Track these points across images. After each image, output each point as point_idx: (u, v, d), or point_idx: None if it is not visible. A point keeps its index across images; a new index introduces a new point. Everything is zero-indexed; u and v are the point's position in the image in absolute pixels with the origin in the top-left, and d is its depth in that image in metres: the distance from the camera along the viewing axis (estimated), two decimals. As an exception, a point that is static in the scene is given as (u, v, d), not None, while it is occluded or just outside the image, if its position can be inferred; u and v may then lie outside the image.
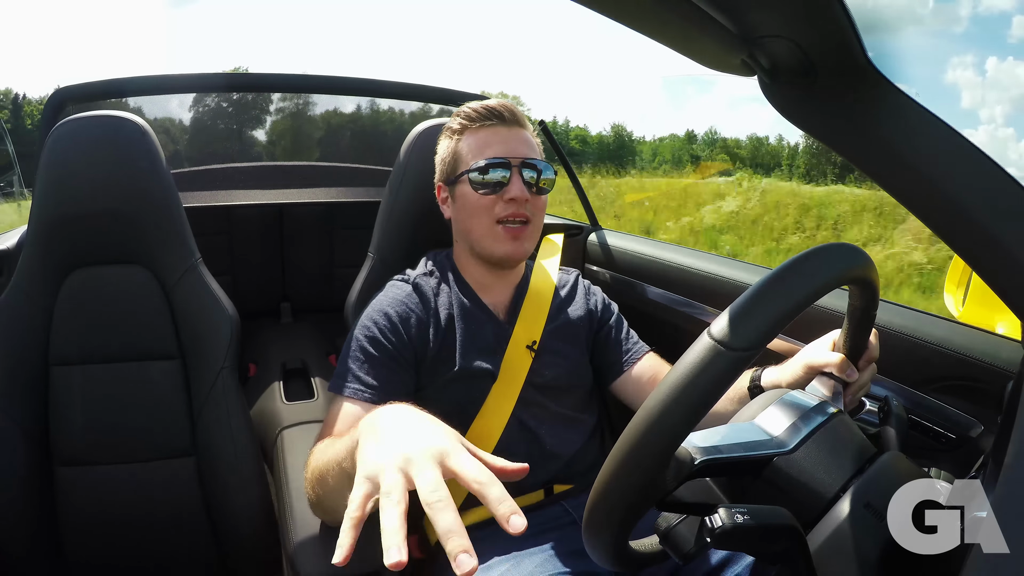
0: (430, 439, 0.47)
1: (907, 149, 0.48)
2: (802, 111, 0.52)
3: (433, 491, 0.42)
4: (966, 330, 0.82)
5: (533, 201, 0.88)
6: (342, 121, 3.01)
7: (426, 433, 0.48)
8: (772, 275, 0.46)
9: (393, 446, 0.47)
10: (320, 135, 3.20)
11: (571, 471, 0.90)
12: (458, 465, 0.44)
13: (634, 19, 0.47)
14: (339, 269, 1.76)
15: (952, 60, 21.49)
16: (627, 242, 1.46)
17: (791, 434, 0.52)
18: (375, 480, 0.45)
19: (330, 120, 2.99)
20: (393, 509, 0.41)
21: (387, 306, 0.86)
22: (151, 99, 2.41)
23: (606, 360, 0.98)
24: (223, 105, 2.96)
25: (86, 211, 0.96)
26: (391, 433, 0.50)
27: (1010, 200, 0.46)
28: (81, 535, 0.99)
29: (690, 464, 0.46)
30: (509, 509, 0.41)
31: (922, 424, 0.79)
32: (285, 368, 1.51)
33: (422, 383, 0.86)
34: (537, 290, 0.96)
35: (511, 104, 0.91)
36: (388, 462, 0.45)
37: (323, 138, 3.20)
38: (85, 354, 0.98)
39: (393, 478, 0.43)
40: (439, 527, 0.40)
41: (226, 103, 2.93)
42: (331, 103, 3.01)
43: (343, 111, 3.02)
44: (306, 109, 2.96)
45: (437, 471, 0.44)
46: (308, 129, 3.02)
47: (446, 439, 0.47)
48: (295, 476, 0.94)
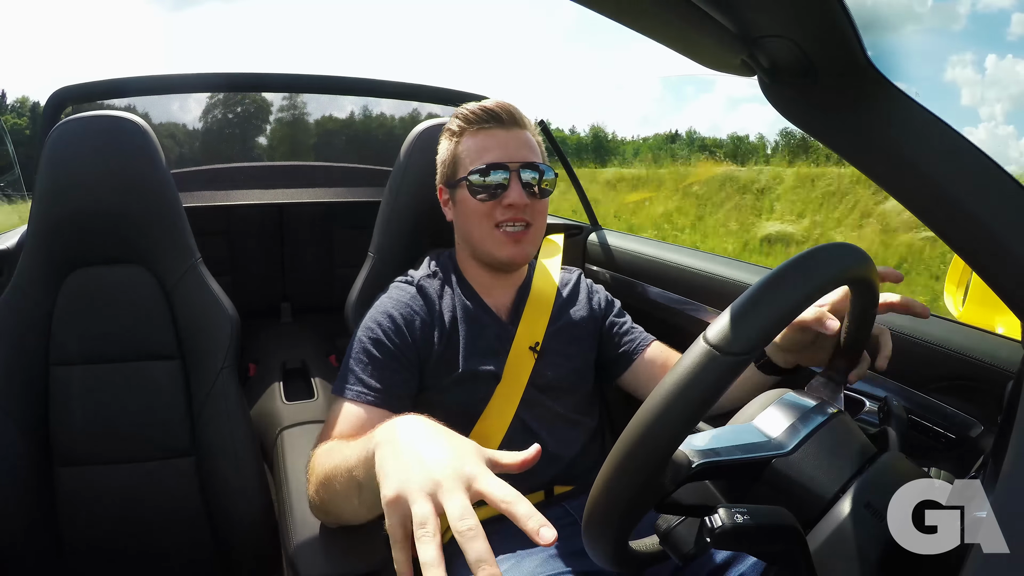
0: (456, 460, 0.47)
1: (906, 148, 0.48)
2: (802, 111, 0.52)
3: (462, 519, 0.42)
4: (966, 330, 0.82)
5: (533, 205, 0.87)
6: (336, 126, 3.07)
7: (450, 453, 0.48)
8: (767, 279, 0.45)
9: (419, 468, 0.47)
10: (314, 141, 3.26)
11: (572, 472, 0.90)
12: (486, 488, 0.45)
13: (634, 19, 0.47)
14: (339, 269, 1.75)
15: (951, 58, 21.47)
16: (627, 242, 1.46)
17: (790, 435, 0.51)
18: (404, 505, 0.45)
19: (325, 125, 3.05)
20: (430, 543, 0.42)
21: (391, 308, 0.86)
22: (158, 106, 2.43)
23: (613, 353, 0.97)
24: (228, 116, 3.02)
25: (86, 211, 0.96)
26: (413, 451, 0.49)
27: (1009, 199, 0.46)
28: (81, 535, 0.99)
29: (687, 467, 0.46)
30: (538, 523, 0.41)
31: (922, 424, 0.79)
32: (285, 368, 1.51)
33: (425, 385, 0.86)
34: (539, 291, 0.96)
35: (510, 105, 0.89)
36: (415, 487, 0.45)
37: (316, 144, 3.26)
38: (85, 354, 0.98)
39: (423, 508, 0.44)
40: (470, 556, 0.40)
41: (231, 115, 2.99)
42: (326, 109, 3.08)
43: (338, 117, 3.09)
44: (302, 116, 3.01)
45: (465, 496, 0.44)
46: (303, 137, 3.06)
47: (471, 459, 0.47)
48: (295, 476, 0.94)
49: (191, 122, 2.67)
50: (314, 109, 3.19)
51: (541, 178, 0.87)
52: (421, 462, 0.47)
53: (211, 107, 2.79)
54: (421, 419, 0.55)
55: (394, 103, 2.40)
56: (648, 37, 0.48)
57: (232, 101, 3.06)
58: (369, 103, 3.03)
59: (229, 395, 0.98)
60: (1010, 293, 0.48)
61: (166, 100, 2.44)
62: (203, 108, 2.67)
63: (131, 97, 1.48)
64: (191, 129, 2.68)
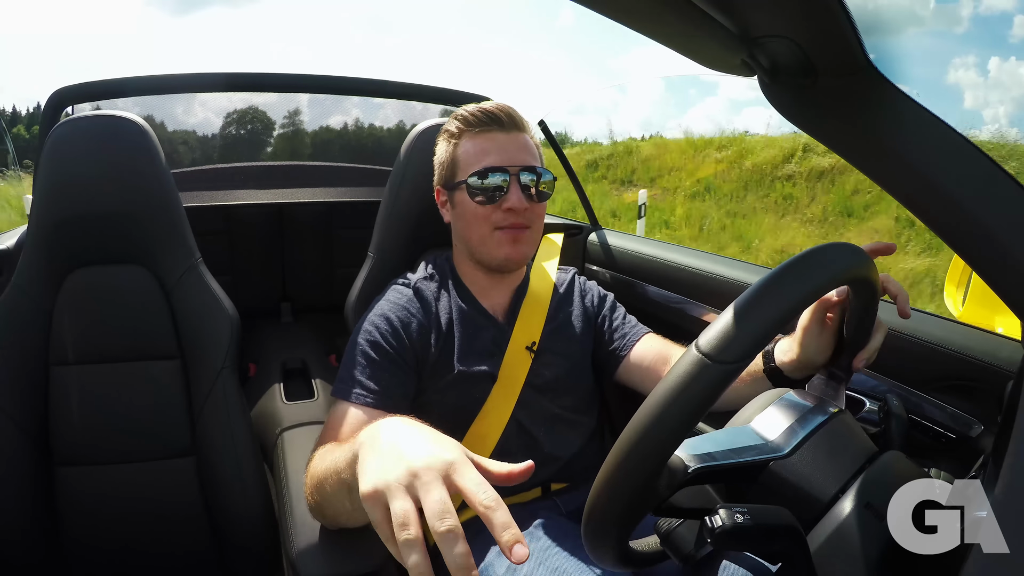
0: (434, 451, 0.46)
1: (907, 149, 0.48)
2: (802, 111, 0.52)
3: (441, 517, 0.40)
4: (966, 330, 0.82)
5: (532, 208, 0.87)
6: (331, 136, 3.15)
7: (429, 445, 0.47)
8: (760, 285, 0.44)
9: (396, 461, 0.46)
10: (309, 152, 3.34)
11: (569, 472, 0.90)
12: (464, 482, 0.43)
13: (634, 19, 0.46)
14: (339, 269, 1.75)
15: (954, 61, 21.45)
16: (627, 242, 1.46)
17: (787, 437, 0.51)
18: (382, 499, 0.44)
19: (321, 136, 3.14)
20: (414, 547, 0.40)
21: (388, 311, 0.86)
22: (172, 116, 2.48)
23: (606, 350, 0.97)
24: (241, 133, 3.12)
25: (86, 211, 0.96)
26: (392, 446, 0.48)
27: (1010, 200, 0.46)
28: (81, 535, 0.99)
29: (683, 472, 0.46)
30: (513, 537, 0.40)
31: (922, 424, 0.79)
32: (285, 368, 1.51)
33: (423, 387, 0.86)
34: (536, 291, 0.96)
35: (509, 107, 0.89)
36: (393, 478, 0.44)
37: (312, 155, 3.34)
38: (85, 354, 0.98)
39: (402, 505, 0.42)
40: (450, 561, 0.39)
41: (243, 131, 3.11)
42: (321, 119, 3.16)
43: (333, 128, 3.17)
44: (300, 128, 3.09)
45: (443, 489, 0.42)
46: (300, 148, 3.14)
47: (451, 450, 0.46)
48: (295, 477, 0.94)
49: (203, 131, 2.73)
50: (310, 123, 3.25)
51: (539, 181, 0.87)
52: (399, 455, 0.46)
53: (227, 124, 2.89)
54: (406, 419, 0.54)
55: (388, 113, 2.46)
56: (648, 37, 0.48)
57: (244, 119, 3.16)
58: (363, 114, 3.09)
59: (229, 395, 0.98)
60: (1010, 293, 0.48)
61: (185, 118, 2.55)
62: (222, 128, 2.75)
63: (131, 97, 1.47)
64: (199, 136, 2.74)
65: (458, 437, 0.87)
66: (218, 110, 2.71)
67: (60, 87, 1.31)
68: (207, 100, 3.84)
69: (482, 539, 0.81)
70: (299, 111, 3.03)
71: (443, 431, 0.91)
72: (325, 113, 3.89)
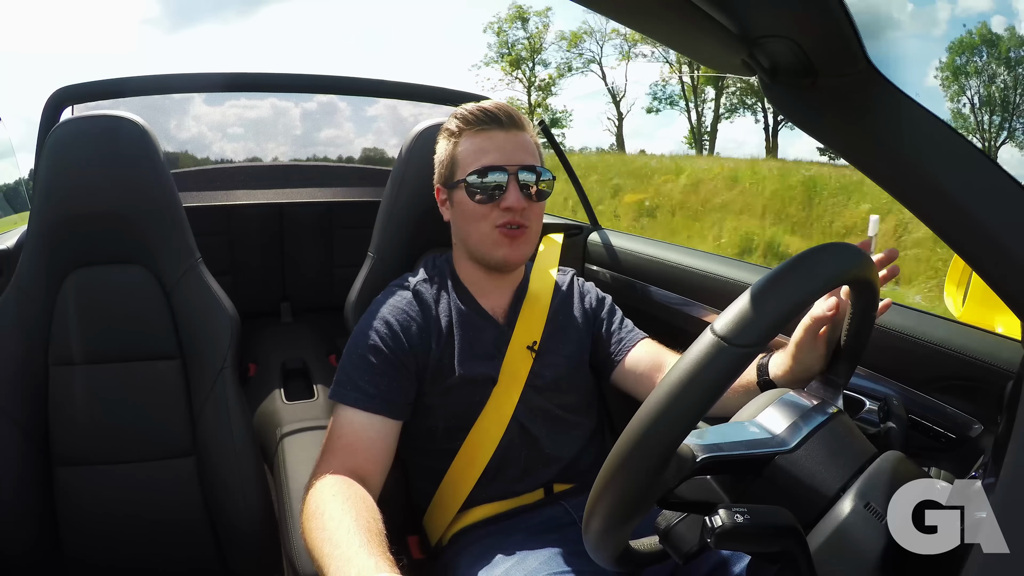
0: None
1: (907, 149, 0.48)
2: (802, 111, 0.52)
3: None
4: (966, 330, 0.82)
5: (531, 207, 0.87)
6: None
7: None
8: (774, 273, 0.45)
9: None
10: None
11: (571, 472, 0.90)
12: None
13: (634, 19, 0.47)
14: (339, 269, 1.76)
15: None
16: (628, 242, 1.46)
17: (792, 433, 0.52)
18: None
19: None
20: None
21: (387, 314, 0.85)
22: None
23: (602, 354, 0.97)
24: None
25: (86, 211, 0.96)
26: None
27: (1010, 200, 0.46)
28: (81, 535, 0.99)
29: (691, 461, 0.46)
30: None
31: (922, 424, 0.79)
32: (285, 368, 1.51)
33: (424, 390, 0.86)
34: (536, 291, 0.95)
35: (509, 106, 0.88)
36: None
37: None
38: (85, 354, 0.98)
39: None
40: None
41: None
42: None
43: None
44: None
45: None
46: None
47: None
48: (295, 477, 0.94)
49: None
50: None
51: (538, 180, 0.87)
52: None
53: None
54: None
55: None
56: (649, 37, 0.48)
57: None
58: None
59: (229, 395, 0.98)
60: (1010, 293, 0.48)
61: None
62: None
63: (131, 97, 1.48)
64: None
65: (460, 438, 0.88)
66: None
67: (60, 87, 1.31)
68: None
69: (485, 544, 0.82)
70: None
71: (445, 432, 0.90)
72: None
